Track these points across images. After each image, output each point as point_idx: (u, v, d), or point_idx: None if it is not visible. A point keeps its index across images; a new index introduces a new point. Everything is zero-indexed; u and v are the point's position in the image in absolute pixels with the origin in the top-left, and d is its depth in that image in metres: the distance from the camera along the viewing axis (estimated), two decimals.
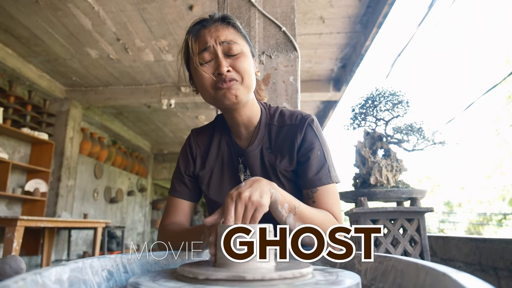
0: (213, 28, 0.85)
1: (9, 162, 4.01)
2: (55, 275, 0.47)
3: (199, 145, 0.99)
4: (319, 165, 0.86)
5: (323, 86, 4.91)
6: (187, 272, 0.52)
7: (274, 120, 0.94)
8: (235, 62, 0.83)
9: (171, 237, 0.88)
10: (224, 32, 0.84)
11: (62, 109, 5.09)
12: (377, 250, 1.63)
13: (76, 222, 4.20)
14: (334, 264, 0.73)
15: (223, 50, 0.83)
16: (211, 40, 0.83)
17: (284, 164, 0.89)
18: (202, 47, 0.84)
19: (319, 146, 0.88)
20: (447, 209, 15.11)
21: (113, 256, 0.64)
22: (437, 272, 0.43)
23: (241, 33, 0.89)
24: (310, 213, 0.76)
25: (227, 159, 0.96)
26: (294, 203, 0.73)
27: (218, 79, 0.82)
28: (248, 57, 0.86)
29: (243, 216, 0.61)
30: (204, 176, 0.96)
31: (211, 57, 0.83)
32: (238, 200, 0.62)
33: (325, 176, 0.85)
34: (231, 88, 0.82)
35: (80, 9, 3.29)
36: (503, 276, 1.66)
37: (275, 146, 0.92)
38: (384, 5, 3.07)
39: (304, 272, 0.53)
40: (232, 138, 0.97)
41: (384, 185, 1.72)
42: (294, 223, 0.73)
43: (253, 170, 0.92)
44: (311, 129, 0.89)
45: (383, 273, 0.59)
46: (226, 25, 0.86)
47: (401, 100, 1.75)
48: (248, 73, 0.84)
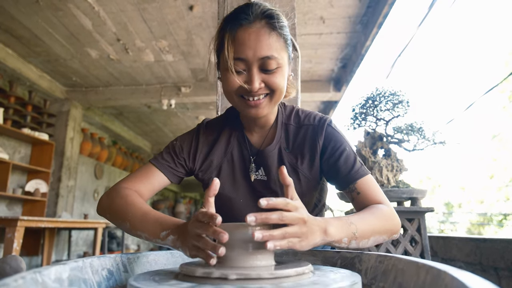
0: (253, 34, 0.75)
1: (10, 163, 4.01)
2: (55, 274, 0.47)
3: (207, 139, 0.95)
4: (352, 160, 0.84)
5: (324, 86, 4.91)
6: (187, 271, 0.52)
7: (291, 120, 0.92)
8: (270, 78, 0.78)
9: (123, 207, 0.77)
10: (265, 43, 0.75)
11: (63, 110, 5.10)
12: (378, 250, 1.63)
13: (77, 222, 4.19)
14: (335, 263, 0.73)
15: (260, 65, 0.77)
16: (249, 52, 0.75)
17: (305, 165, 0.87)
18: (237, 55, 0.76)
19: (345, 143, 0.86)
20: (447, 209, 15.11)
21: (113, 256, 0.64)
22: (437, 270, 0.43)
23: (285, 40, 0.80)
24: (368, 224, 0.70)
25: (237, 156, 0.92)
26: (351, 232, 0.66)
27: (246, 91, 0.79)
28: (285, 70, 0.81)
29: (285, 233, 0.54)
30: (211, 172, 0.92)
31: (244, 66, 0.77)
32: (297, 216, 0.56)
33: (361, 168, 0.84)
34: (259, 107, 0.80)
35: (80, 10, 3.29)
36: (504, 276, 1.65)
37: (294, 146, 0.90)
38: (384, 5, 3.07)
39: (304, 270, 0.53)
40: (245, 135, 0.93)
41: (384, 185, 1.72)
42: (358, 244, 0.69)
43: (270, 171, 0.89)
44: (332, 129, 0.88)
45: (384, 272, 0.59)
46: (269, 29, 0.77)
47: (401, 100, 1.75)
48: (281, 89, 0.80)
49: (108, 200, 0.81)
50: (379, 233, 0.72)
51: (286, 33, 0.81)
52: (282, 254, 0.78)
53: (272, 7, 0.81)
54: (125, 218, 0.74)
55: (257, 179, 0.90)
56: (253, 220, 0.51)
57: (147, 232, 0.70)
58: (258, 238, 0.51)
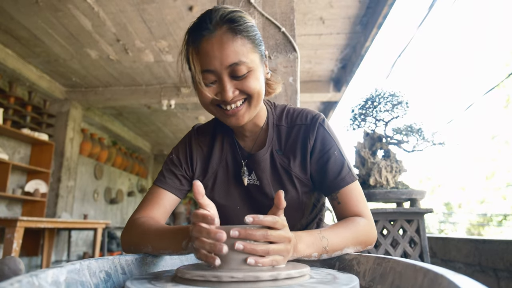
0: (216, 43, 0.72)
1: (9, 163, 4.01)
2: (52, 276, 0.47)
3: (201, 146, 0.93)
4: (339, 165, 0.82)
5: (323, 87, 4.91)
6: (186, 274, 0.52)
7: (282, 120, 0.90)
8: (243, 83, 0.75)
9: (142, 234, 0.76)
10: (230, 50, 0.72)
11: (62, 110, 5.10)
12: (377, 251, 1.63)
13: (76, 223, 4.19)
14: (333, 265, 0.73)
15: (230, 73, 0.74)
16: (216, 62, 0.73)
17: (297, 166, 0.85)
18: (204, 67, 0.74)
19: (335, 146, 0.84)
20: (447, 209, 15.11)
21: (111, 258, 0.64)
22: (435, 274, 0.43)
23: (252, 41, 0.76)
24: (340, 238, 0.72)
25: (231, 161, 0.91)
26: (321, 245, 0.68)
27: (221, 101, 0.77)
28: (258, 71, 0.77)
29: (269, 249, 0.55)
30: (208, 179, 0.91)
31: (215, 78, 0.75)
32: (282, 237, 0.56)
33: (348, 175, 0.81)
34: (238, 115, 0.78)
35: (80, 10, 3.29)
36: (503, 277, 1.65)
37: (286, 147, 0.87)
38: (384, 6, 3.07)
39: (303, 273, 0.53)
40: (235, 140, 0.92)
41: (383, 186, 1.72)
42: (330, 256, 0.71)
43: (261, 175, 0.87)
44: (323, 129, 0.85)
45: (382, 275, 0.59)
46: (231, 35, 0.73)
47: (400, 101, 1.75)
48: (257, 92, 0.77)
49: (128, 235, 0.80)
50: (352, 245, 0.73)
51: (252, 33, 0.77)
52: None
53: (234, 9, 0.77)
54: (146, 243, 0.74)
55: (250, 184, 0.88)
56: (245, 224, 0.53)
57: (171, 248, 0.69)
58: (238, 248, 0.52)
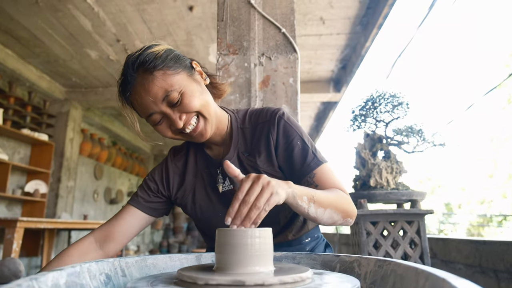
0: (140, 90, 0.77)
1: (9, 163, 4.00)
2: (52, 280, 0.47)
3: (176, 165, 0.97)
4: (304, 153, 0.85)
5: (323, 87, 4.91)
6: (186, 277, 0.52)
7: (246, 123, 0.93)
8: (182, 107, 0.79)
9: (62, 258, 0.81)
10: (154, 88, 0.76)
11: (62, 110, 5.09)
12: (377, 252, 1.63)
13: (76, 223, 4.19)
14: (334, 267, 0.73)
15: (167, 104, 0.78)
16: (149, 105, 0.78)
17: (264, 162, 0.88)
18: (145, 114, 0.81)
19: (297, 136, 0.86)
20: (447, 210, 15.11)
21: (111, 260, 0.63)
22: (436, 278, 0.43)
23: (168, 67, 0.78)
24: (326, 196, 0.75)
25: (206, 174, 0.94)
26: (311, 193, 0.72)
27: (179, 129, 0.81)
28: (189, 89, 0.80)
29: (258, 195, 0.59)
30: (187, 196, 0.93)
31: (160, 116, 0.80)
32: (256, 179, 0.60)
33: (313, 161, 0.84)
34: (200, 132, 0.83)
35: (79, 10, 3.29)
36: (503, 279, 1.65)
37: (251, 147, 0.90)
38: (384, 6, 3.07)
39: (304, 277, 0.53)
40: (206, 152, 0.95)
41: (384, 187, 1.72)
42: (316, 211, 0.73)
43: (232, 179, 0.88)
44: (284, 121, 0.88)
45: (383, 277, 0.59)
46: (148, 75, 0.77)
47: (401, 102, 1.75)
48: (201, 105, 0.81)
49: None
50: (335, 209, 0.76)
51: (166, 62, 0.79)
52: (282, 258, 0.78)
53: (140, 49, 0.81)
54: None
55: (225, 190, 0.90)
56: (229, 221, 0.58)
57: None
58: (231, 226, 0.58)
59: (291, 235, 0.95)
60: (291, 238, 0.95)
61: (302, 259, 0.77)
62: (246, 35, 1.64)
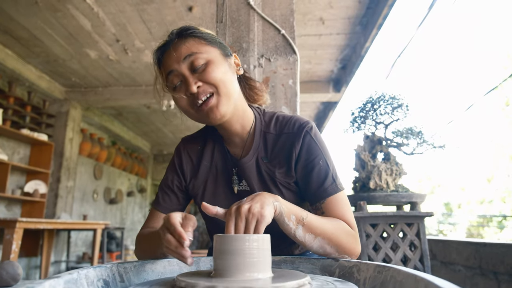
0: (172, 50, 0.80)
1: (9, 163, 4.00)
2: (49, 287, 0.47)
3: (190, 155, 0.94)
4: (323, 175, 0.81)
5: (323, 87, 4.90)
6: (184, 283, 0.52)
7: (270, 128, 0.89)
8: (203, 74, 0.78)
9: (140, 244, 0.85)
10: (182, 48, 0.79)
11: (62, 110, 5.09)
12: (377, 254, 1.63)
13: (76, 223, 4.19)
14: (333, 272, 0.72)
15: (188, 67, 0.79)
16: (172, 62, 0.80)
17: (283, 174, 0.85)
18: (167, 70, 0.81)
19: (320, 155, 0.83)
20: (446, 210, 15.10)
21: (109, 265, 0.63)
22: (436, 287, 0.42)
23: (204, 39, 0.82)
24: (319, 222, 0.72)
25: (221, 169, 0.91)
26: (301, 214, 0.70)
27: (193, 98, 0.80)
28: (218, 62, 0.80)
29: (245, 229, 0.60)
30: (198, 188, 0.91)
31: (179, 79, 0.80)
32: (237, 214, 0.60)
33: (331, 186, 0.80)
34: (212, 108, 0.79)
35: (79, 10, 3.28)
36: (503, 281, 1.65)
37: (272, 155, 0.86)
38: (384, 6, 3.06)
39: (302, 283, 0.52)
40: (225, 147, 0.92)
41: (383, 189, 1.72)
42: (304, 235, 0.70)
43: (250, 181, 0.87)
44: (310, 137, 0.84)
45: (382, 283, 0.58)
46: (184, 39, 0.81)
47: (400, 104, 1.74)
48: (222, 80, 0.79)
49: (137, 246, 0.88)
50: (328, 240, 0.72)
51: (204, 34, 0.83)
52: (280, 262, 0.78)
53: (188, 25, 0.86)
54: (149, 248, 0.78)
55: (241, 190, 0.88)
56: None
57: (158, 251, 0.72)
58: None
59: (297, 250, 0.95)
60: (297, 253, 0.95)
61: (301, 263, 0.76)
62: (245, 36, 1.64)
